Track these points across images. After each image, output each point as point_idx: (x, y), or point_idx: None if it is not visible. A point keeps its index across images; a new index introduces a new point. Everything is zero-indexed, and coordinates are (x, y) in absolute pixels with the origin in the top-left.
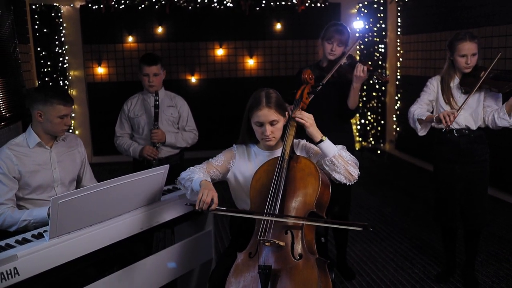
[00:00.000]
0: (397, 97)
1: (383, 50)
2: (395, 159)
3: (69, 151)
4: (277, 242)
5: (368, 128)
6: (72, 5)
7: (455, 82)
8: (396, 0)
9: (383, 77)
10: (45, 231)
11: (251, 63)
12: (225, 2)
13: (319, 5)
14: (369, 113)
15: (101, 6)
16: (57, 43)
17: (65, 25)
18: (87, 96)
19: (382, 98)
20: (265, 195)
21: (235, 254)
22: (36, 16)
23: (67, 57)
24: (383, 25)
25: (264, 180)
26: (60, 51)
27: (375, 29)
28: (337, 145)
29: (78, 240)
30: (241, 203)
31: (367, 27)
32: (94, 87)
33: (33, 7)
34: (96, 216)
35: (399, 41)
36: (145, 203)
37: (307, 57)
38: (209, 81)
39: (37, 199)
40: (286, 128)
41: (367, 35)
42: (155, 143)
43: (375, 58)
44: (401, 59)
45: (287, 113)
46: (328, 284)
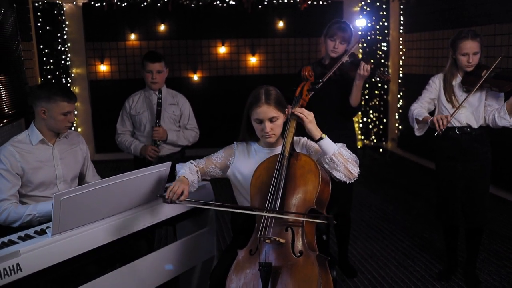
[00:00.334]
0: (399, 95)
1: (385, 48)
2: (397, 157)
3: (72, 148)
4: (277, 239)
5: (370, 126)
6: (74, 3)
7: (457, 80)
8: None
9: (385, 75)
10: (47, 228)
11: (253, 61)
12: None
13: (321, 3)
14: (371, 111)
15: (104, 3)
16: (59, 40)
17: (67, 22)
18: (89, 93)
19: (384, 96)
20: (265, 192)
21: (236, 251)
22: (38, 13)
23: (69, 55)
24: (386, 23)
25: (264, 177)
26: (62, 48)
27: (378, 27)
28: (337, 143)
29: (80, 236)
30: (242, 200)
31: (369, 25)
32: (96, 85)
33: (36, 4)
34: (98, 213)
35: (401, 39)
36: (148, 200)
37: (309, 55)
38: (211, 79)
39: (40, 196)
40: (286, 125)
41: (369, 33)
42: (156, 141)
43: (378, 56)
44: (403, 57)
45: (287, 110)
46: (328, 280)
